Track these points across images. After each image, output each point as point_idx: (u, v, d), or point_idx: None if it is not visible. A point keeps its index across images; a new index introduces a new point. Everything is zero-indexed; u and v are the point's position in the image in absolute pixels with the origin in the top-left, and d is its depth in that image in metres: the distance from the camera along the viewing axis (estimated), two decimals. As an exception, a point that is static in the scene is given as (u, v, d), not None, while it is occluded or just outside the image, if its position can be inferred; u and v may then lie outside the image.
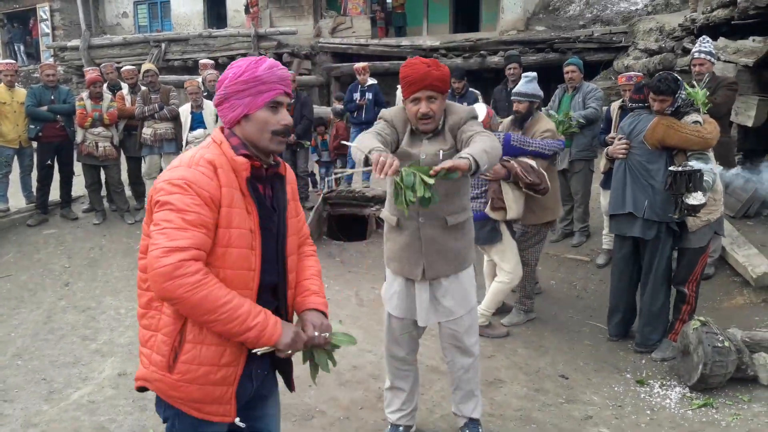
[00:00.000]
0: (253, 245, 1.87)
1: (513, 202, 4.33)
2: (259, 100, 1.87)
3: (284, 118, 1.93)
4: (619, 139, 4.29)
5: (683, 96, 3.98)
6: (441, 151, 2.73)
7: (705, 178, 3.79)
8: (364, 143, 2.54)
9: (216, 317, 1.72)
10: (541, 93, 4.67)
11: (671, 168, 3.82)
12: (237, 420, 1.94)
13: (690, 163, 3.79)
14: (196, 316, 1.74)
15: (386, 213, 3.04)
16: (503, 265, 4.52)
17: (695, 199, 3.69)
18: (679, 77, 4.02)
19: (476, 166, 2.36)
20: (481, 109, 4.41)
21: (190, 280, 1.67)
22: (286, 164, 2.12)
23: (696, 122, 3.97)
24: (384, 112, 2.94)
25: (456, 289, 2.96)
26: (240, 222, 1.84)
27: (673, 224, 4.09)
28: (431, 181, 2.25)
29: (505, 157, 4.29)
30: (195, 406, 1.86)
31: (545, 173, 4.35)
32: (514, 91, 4.72)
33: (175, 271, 1.66)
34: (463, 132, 2.74)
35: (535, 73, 4.74)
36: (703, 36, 5.18)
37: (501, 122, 4.88)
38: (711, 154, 4.06)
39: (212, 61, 8.70)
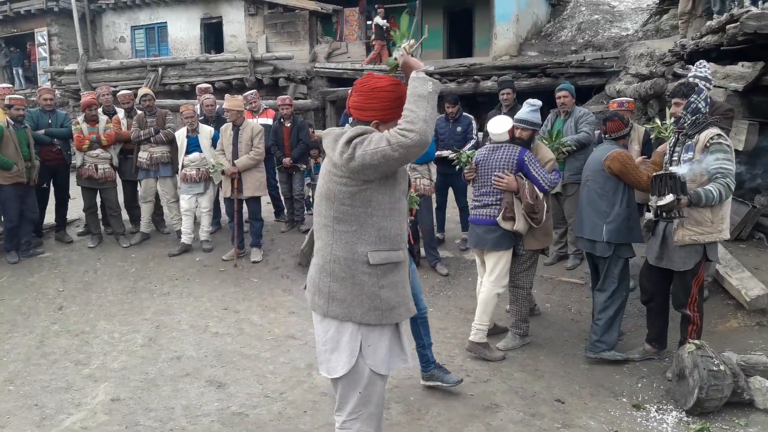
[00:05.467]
0: None
1: (521, 215, 4.55)
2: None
3: None
4: None
5: (700, 106, 3.96)
6: None
7: (710, 189, 3.83)
8: (414, 98, 2.33)
9: None
10: (541, 122, 4.90)
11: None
12: None
13: (671, 168, 3.98)
14: None
15: (385, 254, 2.45)
16: (495, 270, 4.63)
17: (663, 200, 3.86)
18: (699, 84, 4.13)
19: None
20: (504, 122, 4.63)
21: None
22: None
23: (717, 135, 3.92)
24: (366, 129, 2.40)
25: None
26: None
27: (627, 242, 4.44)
28: None
29: (519, 174, 4.54)
30: None
31: (545, 205, 4.50)
32: (517, 117, 4.78)
33: None
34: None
35: (540, 102, 4.84)
36: (701, 61, 5.13)
37: None
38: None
39: (209, 86, 8.77)
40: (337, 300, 2.47)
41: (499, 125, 4.68)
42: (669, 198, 3.84)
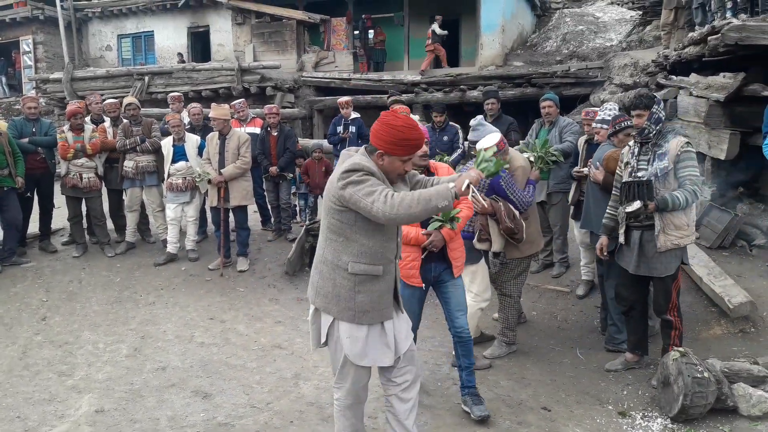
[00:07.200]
0: None
1: (497, 236, 4.49)
2: None
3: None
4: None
5: (661, 116, 4.08)
6: None
7: (676, 195, 3.92)
8: (416, 200, 2.66)
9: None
10: (495, 129, 4.61)
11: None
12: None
13: (639, 174, 4.07)
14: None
15: (363, 266, 2.83)
16: (471, 287, 4.62)
17: (631, 206, 3.99)
18: (656, 95, 4.20)
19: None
20: (491, 138, 4.41)
21: None
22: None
23: (687, 143, 4.02)
24: (364, 165, 2.73)
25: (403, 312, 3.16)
26: None
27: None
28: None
29: (494, 196, 4.42)
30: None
31: (524, 224, 4.44)
32: (468, 139, 4.63)
33: None
34: (412, 177, 3.14)
35: (479, 117, 4.68)
36: (608, 104, 5.23)
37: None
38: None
39: (181, 95, 8.69)
40: (321, 294, 2.92)
41: (488, 141, 4.33)
42: (636, 205, 3.97)
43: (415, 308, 3.98)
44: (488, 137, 4.45)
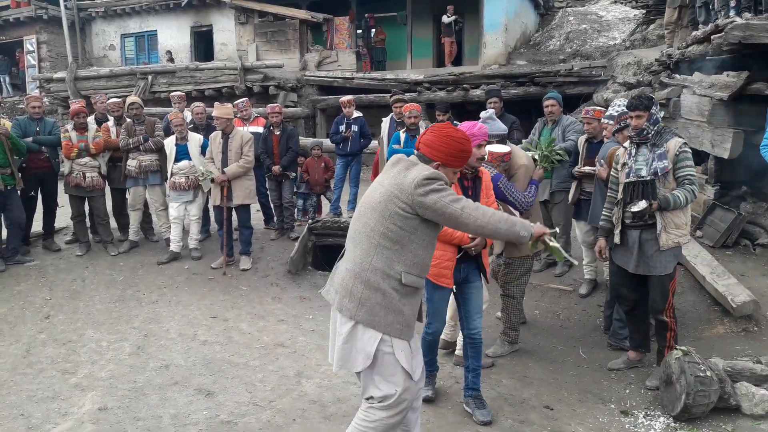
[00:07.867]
0: None
1: (497, 242, 4.51)
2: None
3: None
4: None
5: (659, 117, 4.12)
6: None
7: (677, 194, 3.98)
8: (504, 219, 2.76)
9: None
10: (504, 127, 4.77)
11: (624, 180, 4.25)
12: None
13: (642, 173, 4.08)
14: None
15: (413, 278, 2.75)
16: None
17: (637, 206, 4.02)
18: (653, 96, 4.20)
19: None
20: (501, 147, 4.48)
21: None
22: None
23: (684, 144, 4.06)
24: (440, 174, 2.74)
25: None
26: None
27: None
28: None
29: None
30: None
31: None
32: (490, 133, 4.68)
33: None
34: None
35: (490, 111, 4.79)
36: (616, 101, 5.27)
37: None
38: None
39: (183, 94, 8.68)
40: (366, 307, 2.70)
41: (498, 148, 4.47)
42: (643, 204, 3.99)
43: (443, 310, 3.95)
44: (498, 146, 4.45)
